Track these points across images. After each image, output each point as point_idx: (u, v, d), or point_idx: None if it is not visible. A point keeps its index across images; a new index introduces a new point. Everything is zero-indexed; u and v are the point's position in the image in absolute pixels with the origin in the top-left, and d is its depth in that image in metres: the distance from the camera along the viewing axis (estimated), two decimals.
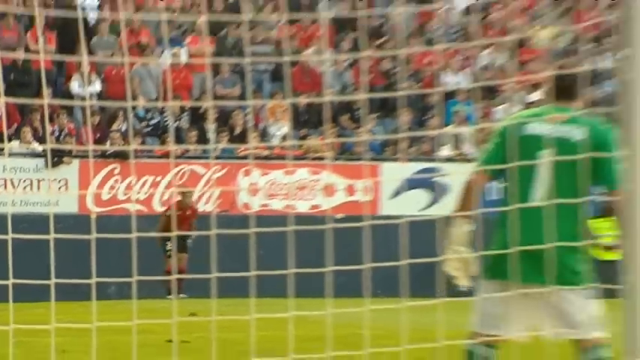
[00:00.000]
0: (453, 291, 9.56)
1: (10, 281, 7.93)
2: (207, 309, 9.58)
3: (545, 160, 9.41)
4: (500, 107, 30.21)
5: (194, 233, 24.94)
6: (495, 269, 9.40)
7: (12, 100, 25.40)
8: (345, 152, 30.46)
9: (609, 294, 5.77)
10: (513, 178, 9.50)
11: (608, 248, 8.53)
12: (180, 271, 25.43)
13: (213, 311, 8.50)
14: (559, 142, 9.46)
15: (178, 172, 30.62)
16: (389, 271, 8.58)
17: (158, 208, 29.27)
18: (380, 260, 8.42)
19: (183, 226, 25.82)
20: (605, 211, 8.93)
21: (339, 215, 24.85)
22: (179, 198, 28.30)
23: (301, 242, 8.79)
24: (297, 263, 8.24)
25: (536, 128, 9.60)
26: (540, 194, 9.45)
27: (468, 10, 35.07)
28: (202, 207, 29.53)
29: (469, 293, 9.42)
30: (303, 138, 30.65)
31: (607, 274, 6.17)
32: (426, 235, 11.37)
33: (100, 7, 31.69)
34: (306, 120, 30.40)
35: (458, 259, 9.35)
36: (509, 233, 9.25)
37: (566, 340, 9.05)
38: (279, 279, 8.82)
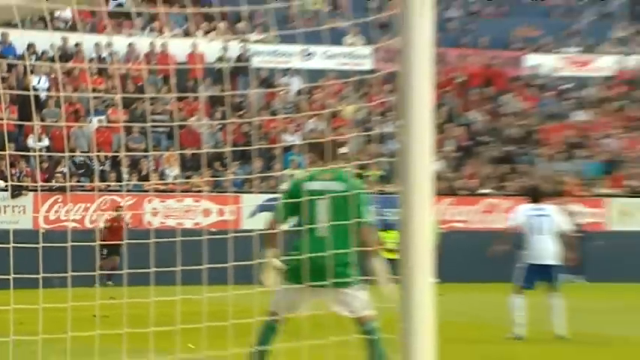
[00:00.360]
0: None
1: None
2: (121, 294, 9.53)
3: (321, 205, 9.77)
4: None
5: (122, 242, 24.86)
6: (293, 276, 9.62)
7: None
8: (217, 187, 30.44)
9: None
10: (302, 218, 9.80)
11: (391, 251, 8.71)
12: (112, 268, 25.40)
13: (124, 295, 8.50)
14: (329, 193, 9.77)
15: (102, 201, 30.57)
16: (246, 266, 8.74)
17: (88, 225, 29.30)
18: (240, 260, 8.62)
19: (117, 235, 25.81)
20: (389, 226, 9.10)
21: (213, 229, 24.68)
22: (114, 215, 28.36)
23: (187, 248, 8.95)
24: (184, 261, 8.43)
25: (313, 185, 9.91)
26: (321, 228, 9.70)
27: (299, 92, 35.20)
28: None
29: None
30: (188, 177, 30.67)
31: (391, 267, 6.35)
32: None
33: (48, 89, 31.39)
34: (190, 165, 30.46)
35: (268, 271, 9.67)
36: (302, 253, 9.43)
37: None
38: (171, 272, 8.96)
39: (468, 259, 27.57)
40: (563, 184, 36.76)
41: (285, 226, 10.11)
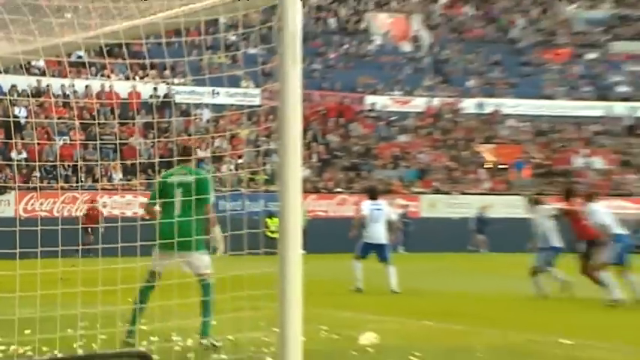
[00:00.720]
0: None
1: None
2: (78, 263, 9.22)
3: (178, 193, 9.71)
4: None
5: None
6: (160, 245, 9.36)
7: None
8: (149, 186, 30.16)
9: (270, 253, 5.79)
10: (165, 203, 9.82)
11: (273, 232, 8.85)
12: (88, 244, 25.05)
13: (80, 263, 8.40)
14: (183, 184, 9.69)
15: (64, 197, 30.27)
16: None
17: (55, 214, 28.96)
18: None
19: (93, 220, 25.54)
20: (272, 214, 8.95)
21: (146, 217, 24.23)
22: (92, 205, 28.12)
23: (127, 230, 8.79)
24: (124, 239, 8.34)
25: (172, 178, 9.89)
26: (177, 210, 9.64)
27: (208, 120, 35.02)
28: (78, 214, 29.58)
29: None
30: (129, 180, 30.21)
31: (273, 245, 6.23)
32: None
33: (26, 117, 30.78)
34: (130, 171, 30.05)
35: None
36: (166, 230, 9.25)
37: None
38: (116, 247, 8.85)
39: (327, 237, 27.72)
40: (391, 185, 37.24)
41: (157, 208, 10.04)
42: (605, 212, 16.28)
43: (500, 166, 42.50)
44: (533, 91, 47.76)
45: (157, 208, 10.07)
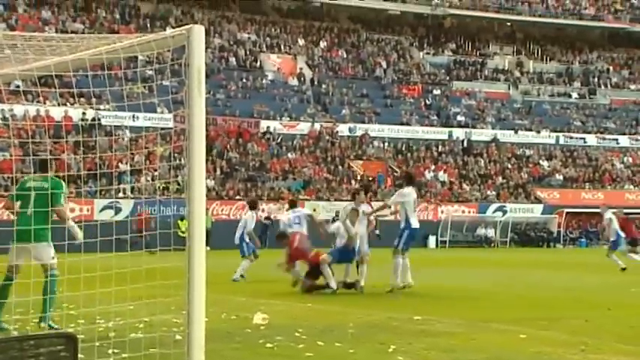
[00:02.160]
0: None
1: None
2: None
3: (32, 195, 9.26)
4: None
5: None
6: (15, 239, 9.22)
7: None
8: (77, 194, 29.51)
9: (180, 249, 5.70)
10: (21, 203, 9.45)
11: (183, 232, 8.74)
12: None
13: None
14: (38, 189, 9.30)
15: (3, 204, 29.48)
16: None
17: None
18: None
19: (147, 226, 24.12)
20: (182, 217, 8.63)
21: (77, 220, 23.67)
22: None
23: None
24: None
25: (30, 183, 9.52)
26: (30, 210, 9.26)
27: (130, 139, 34.27)
28: None
29: None
30: None
31: (183, 242, 6.11)
32: None
33: None
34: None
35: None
36: (20, 225, 9.12)
37: None
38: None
39: (228, 236, 27.44)
40: (282, 193, 37.20)
41: (17, 208, 9.53)
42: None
43: (369, 178, 43.00)
44: (393, 118, 48.57)
45: (17, 207, 9.56)
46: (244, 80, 47.82)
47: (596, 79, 57.65)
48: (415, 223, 14.52)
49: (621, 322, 10.37)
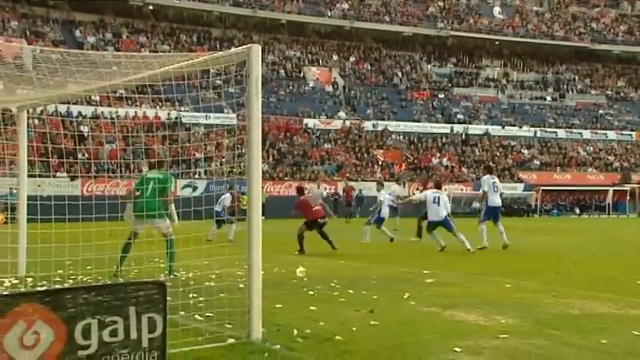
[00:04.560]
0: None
1: None
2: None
3: (150, 185, 9.44)
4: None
5: None
6: (137, 215, 9.28)
7: None
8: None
9: (242, 219, 5.70)
10: (142, 189, 9.49)
11: (244, 205, 8.86)
12: None
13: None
14: (154, 179, 9.48)
15: (110, 183, 29.83)
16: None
17: (105, 193, 28.38)
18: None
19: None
20: (244, 193, 8.45)
21: None
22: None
23: None
24: None
25: (148, 175, 9.66)
26: (148, 193, 9.37)
27: (203, 134, 34.33)
28: None
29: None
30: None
31: (244, 213, 6.04)
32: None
33: (88, 132, 29.95)
34: (153, 166, 29.57)
35: (129, 214, 9.39)
36: (141, 205, 9.19)
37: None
38: None
39: (279, 208, 27.52)
40: (318, 176, 37.16)
41: (137, 193, 9.63)
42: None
43: (388, 164, 42.77)
44: (407, 116, 48.15)
45: (137, 192, 9.73)
46: (291, 87, 47.75)
47: (565, 86, 56.82)
48: (492, 202, 14.83)
49: (583, 274, 10.23)
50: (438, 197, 14.61)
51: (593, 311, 6.77)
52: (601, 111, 54.71)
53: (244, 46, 5.70)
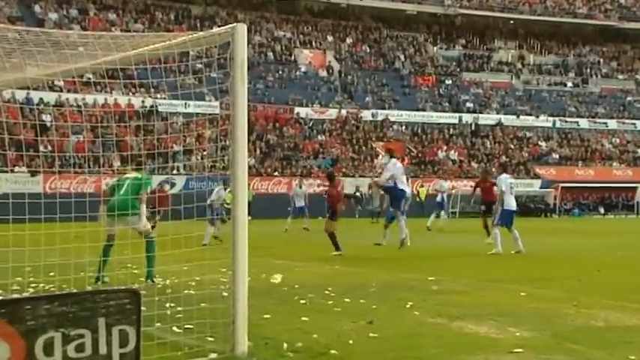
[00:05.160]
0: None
1: None
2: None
3: (125, 184, 9.79)
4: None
5: None
6: (109, 215, 9.52)
7: None
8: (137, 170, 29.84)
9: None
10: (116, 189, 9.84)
11: (229, 203, 8.56)
12: None
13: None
14: (132, 178, 9.81)
15: (77, 179, 29.84)
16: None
17: (72, 190, 28.31)
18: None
19: (163, 204, 24.08)
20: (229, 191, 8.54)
21: None
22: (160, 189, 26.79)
23: None
24: None
25: (125, 176, 10.05)
26: (122, 191, 9.74)
27: (182, 124, 34.35)
28: None
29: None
30: (124, 166, 29.63)
31: (229, 212, 5.98)
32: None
33: (51, 121, 29.96)
34: (126, 160, 29.50)
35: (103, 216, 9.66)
36: (113, 204, 9.44)
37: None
38: None
39: (267, 207, 27.54)
40: (312, 170, 37.17)
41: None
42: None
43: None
44: (410, 105, 48.22)
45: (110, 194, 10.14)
46: (280, 72, 47.72)
47: (588, 70, 56.87)
48: (509, 205, 15.07)
49: (608, 281, 10.29)
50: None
51: (620, 323, 6.78)
52: (629, 98, 54.82)
53: (228, 26, 5.69)
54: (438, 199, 25.26)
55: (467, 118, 48.37)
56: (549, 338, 6.09)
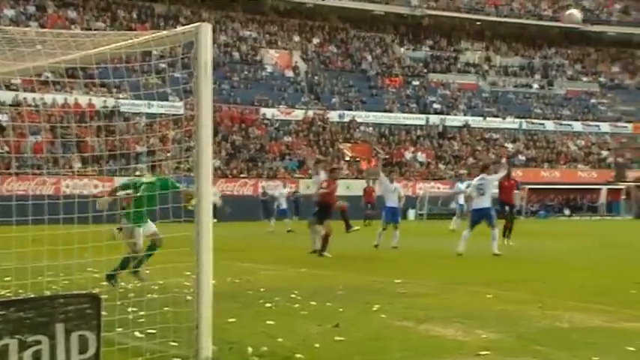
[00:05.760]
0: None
1: None
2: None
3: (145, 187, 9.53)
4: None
5: None
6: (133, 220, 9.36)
7: None
8: (100, 173, 29.53)
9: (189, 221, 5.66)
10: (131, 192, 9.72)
11: (193, 205, 8.69)
12: None
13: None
14: (148, 183, 9.55)
15: (36, 181, 29.34)
16: None
17: (30, 192, 27.78)
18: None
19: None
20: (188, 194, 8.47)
21: None
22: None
23: None
24: None
25: (142, 179, 9.87)
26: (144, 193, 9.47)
27: (145, 124, 33.97)
28: None
29: None
30: (85, 168, 29.22)
31: (192, 215, 6.00)
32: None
33: (7, 121, 29.39)
34: (87, 161, 29.14)
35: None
36: (141, 207, 9.19)
37: None
38: None
39: (232, 210, 27.42)
40: (278, 172, 37.07)
41: (120, 193, 9.90)
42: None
43: (355, 159, 42.97)
44: (377, 106, 48.44)
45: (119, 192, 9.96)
46: (246, 72, 47.58)
47: (553, 72, 57.69)
48: (477, 205, 15.05)
49: (573, 283, 10.43)
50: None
51: (584, 325, 6.88)
52: (593, 100, 55.75)
53: (192, 25, 5.65)
54: (460, 201, 25.14)
55: (434, 119, 48.74)
56: (515, 340, 6.17)
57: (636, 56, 60.23)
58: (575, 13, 13.17)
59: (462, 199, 23.52)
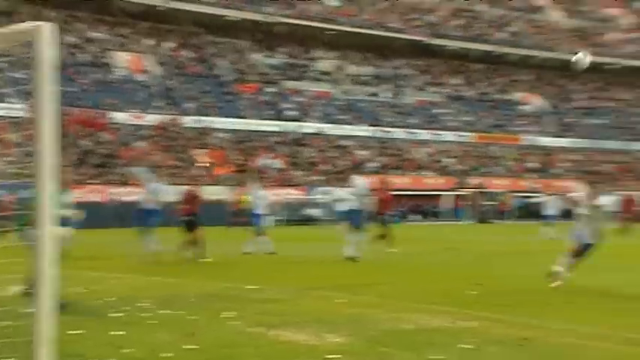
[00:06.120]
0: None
1: None
2: None
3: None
4: None
5: None
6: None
7: None
8: None
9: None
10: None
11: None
12: None
13: None
14: None
15: None
16: None
17: None
18: None
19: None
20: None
21: None
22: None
23: None
24: None
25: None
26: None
27: None
28: None
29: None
30: None
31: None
32: None
33: None
34: None
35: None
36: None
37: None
38: None
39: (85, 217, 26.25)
40: (129, 178, 35.95)
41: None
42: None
43: (209, 165, 42.57)
44: (233, 112, 48.31)
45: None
46: (95, 75, 45.86)
47: (402, 82, 60.16)
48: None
49: (419, 285, 10.94)
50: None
51: (428, 326, 7.21)
52: (439, 110, 58.74)
53: (30, 23, 5.37)
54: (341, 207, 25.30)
55: (289, 126, 49.30)
56: (363, 343, 6.38)
57: (473, 69, 64.26)
58: (582, 56, 13.68)
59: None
